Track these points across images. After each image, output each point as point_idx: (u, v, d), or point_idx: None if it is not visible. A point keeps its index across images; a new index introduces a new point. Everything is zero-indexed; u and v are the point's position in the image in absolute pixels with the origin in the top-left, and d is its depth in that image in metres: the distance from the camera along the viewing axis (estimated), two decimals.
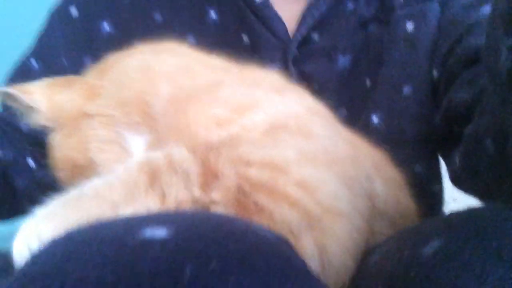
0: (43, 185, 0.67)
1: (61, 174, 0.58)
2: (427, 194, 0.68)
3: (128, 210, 0.43)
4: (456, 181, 0.61)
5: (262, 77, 0.60)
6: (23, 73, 0.77)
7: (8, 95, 0.58)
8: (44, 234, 0.42)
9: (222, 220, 0.37)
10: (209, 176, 0.44)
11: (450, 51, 0.64)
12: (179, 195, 0.43)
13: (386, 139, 0.64)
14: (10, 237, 0.43)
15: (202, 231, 0.32)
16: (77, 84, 0.60)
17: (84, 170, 0.56)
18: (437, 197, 0.74)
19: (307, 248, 0.43)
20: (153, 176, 0.45)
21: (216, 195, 0.43)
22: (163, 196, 0.44)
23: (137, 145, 0.57)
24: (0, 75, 0.80)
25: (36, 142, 0.65)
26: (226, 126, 0.52)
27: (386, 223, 0.55)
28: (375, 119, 0.69)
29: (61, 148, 0.58)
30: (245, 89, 0.56)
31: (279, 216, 0.43)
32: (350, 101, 0.72)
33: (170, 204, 0.43)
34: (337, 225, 0.46)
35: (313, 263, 0.42)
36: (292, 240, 0.41)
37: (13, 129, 0.74)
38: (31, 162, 0.71)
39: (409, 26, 0.68)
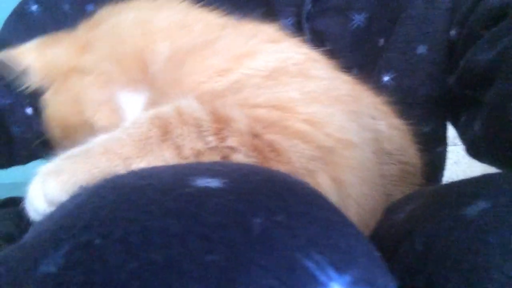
0: (41, 134, 0.65)
1: (53, 132, 0.55)
2: (431, 155, 0.66)
3: (141, 164, 0.42)
4: (474, 150, 0.59)
5: (258, 29, 0.59)
6: (21, 17, 0.74)
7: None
8: (52, 191, 0.40)
9: (265, 171, 0.36)
10: (220, 123, 0.43)
11: (471, 10, 0.62)
12: (195, 146, 0.42)
13: (396, 98, 0.63)
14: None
15: (256, 182, 0.31)
16: (68, 39, 0.58)
17: (76, 129, 0.55)
18: (440, 159, 0.74)
19: (324, 184, 0.43)
20: (164, 129, 0.43)
21: (231, 141, 0.42)
22: (178, 148, 0.42)
23: (133, 104, 0.56)
24: None
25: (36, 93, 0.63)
26: (226, 74, 0.51)
27: (394, 167, 0.56)
28: (385, 78, 0.68)
29: (52, 106, 0.56)
30: (242, 39, 0.56)
31: (295, 154, 0.42)
32: (362, 60, 0.71)
33: (187, 155, 0.42)
34: (350, 156, 0.46)
35: (332, 197, 0.42)
36: (308, 179, 0.41)
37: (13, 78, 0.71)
38: (29, 110, 0.68)
39: None
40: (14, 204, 0.66)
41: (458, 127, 0.67)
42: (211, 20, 0.61)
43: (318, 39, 0.71)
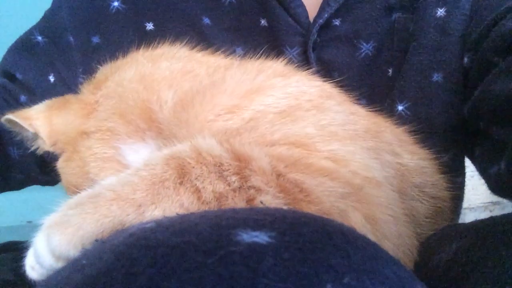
0: (39, 158, 0.63)
1: None
2: (451, 186, 0.65)
3: (156, 211, 0.37)
4: (499, 188, 0.56)
5: (264, 65, 0.58)
6: (26, 46, 0.74)
7: (10, 121, 0.56)
8: (58, 245, 0.36)
9: (312, 219, 0.32)
10: (241, 161, 0.40)
11: (483, 36, 0.60)
12: (216, 188, 0.38)
13: (413, 128, 0.61)
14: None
15: (309, 235, 0.28)
16: (73, 103, 0.58)
17: None
18: (460, 189, 0.71)
19: (358, 223, 0.39)
20: (181, 171, 0.39)
21: (256, 180, 0.38)
22: (197, 191, 0.38)
23: (139, 155, 0.54)
24: None
25: None
26: (237, 111, 0.49)
27: (426, 204, 0.53)
28: (400, 107, 0.66)
29: (65, 174, 0.55)
30: (249, 76, 0.54)
31: (323, 193, 0.39)
32: (370, 90, 0.69)
33: (208, 200, 0.37)
34: (379, 194, 0.43)
35: (367, 235, 0.38)
36: (341, 219, 0.38)
37: (14, 102, 0.71)
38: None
39: (440, 11, 0.65)
40: (14, 249, 0.63)
41: (475, 161, 0.65)
42: (214, 62, 0.59)
43: (325, 69, 0.69)
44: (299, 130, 0.46)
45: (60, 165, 0.57)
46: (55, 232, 0.36)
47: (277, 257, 0.24)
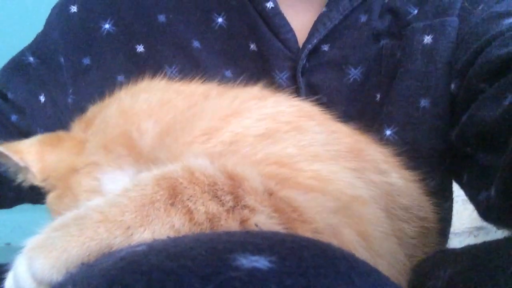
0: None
1: None
2: (438, 211, 0.65)
3: (145, 233, 0.36)
4: (490, 214, 0.55)
5: (241, 91, 0.59)
6: (18, 67, 0.75)
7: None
8: (41, 270, 0.34)
9: (311, 243, 0.31)
10: (235, 181, 0.39)
11: (469, 63, 0.61)
12: (209, 208, 0.36)
13: (400, 153, 0.60)
14: None
15: (310, 259, 0.27)
16: (66, 141, 0.59)
17: None
18: (447, 214, 0.71)
19: (351, 239, 0.39)
20: (173, 191, 0.38)
21: (249, 200, 0.37)
22: (189, 212, 0.36)
23: (118, 182, 0.54)
24: None
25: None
26: (214, 134, 0.50)
27: (413, 225, 0.52)
28: (388, 132, 0.67)
29: (56, 210, 0.55)
30: (226, 102, 0.55)
31: (315, 209, 0.39)
32: (359, 115, 0.69)
33: (200, 221, 0.36)
34: (367, 211, 0.43)
35: (363, 255, 0.38)
36: (335, 238, 0.37)
37: (6, 121, 0.71)
38: None
39: (427, 38, 0.66)
40: None
41: (464, 187, 0.65)
42: (192, 91, 0.59)
43: (313, 93, 0.70)
44: (280, 151, 0.47)
45: (50, 201, 0.57)
46: (38, 255, 0.34)
47: (280, 284, 0.23)
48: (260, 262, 0.25)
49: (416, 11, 0.68)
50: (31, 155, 0.57)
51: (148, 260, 0.27)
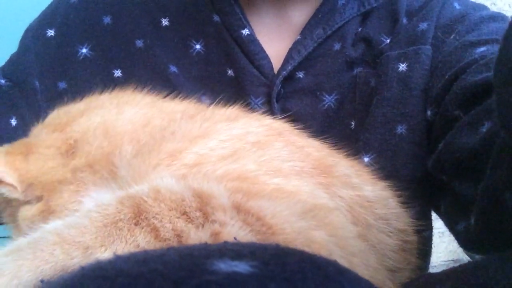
0: None
1: None
2: (419, 240, 0.62)
3: (105, 253, 0.33)
4: (471, 243, 0.54)
5: (214, 112, 0.59)
6: None
7: None
8: None
9: (291, 250, 0.30)
10: (202, 199, 0.38)
11: (445, 90, 0.61)
12: (176, 225, 0.34)
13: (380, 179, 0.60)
14: None
15: (295, 265, 0.25)
16: (39, 147, 0.55)
17: None
18: (428, 243, 0.70)
19: (323, 240, 0.38)
20: (137, 209, 0.36)
21: (219, 215, 0.36)
22: (154, 230, 0.34)
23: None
24: None
25: None
26: (179, 156, 0.49)
27: (392, 237, 0.52)
28: (366, 159, 0.66)
29: (28, 228, 0.50)
30: (197, 124, 0.55)
31: (282, 215, 0.38)
32: (335, 141, 0.69)
33: (166, 237, 0.34)
34: (333, 216, 0.43)
35: (337, 257, 0.36)
36: (306, 243, 0.36)
37: None
38: None
39: (402, 66, 0.66)
40: None
41: (442, 216, 0.65)
42: (171, 110, 0.59)
43: (288, 118, 0.69)
44: (241, 167, 0.46)
45: (25, 214, 0.53)
46: None
47: (262, 287, 0.21)
48: (241, 266, 0.23)
49: (388, 40, 0.70)
50: (1, 167, 0.53)
51: (114, 266, 0.24)
